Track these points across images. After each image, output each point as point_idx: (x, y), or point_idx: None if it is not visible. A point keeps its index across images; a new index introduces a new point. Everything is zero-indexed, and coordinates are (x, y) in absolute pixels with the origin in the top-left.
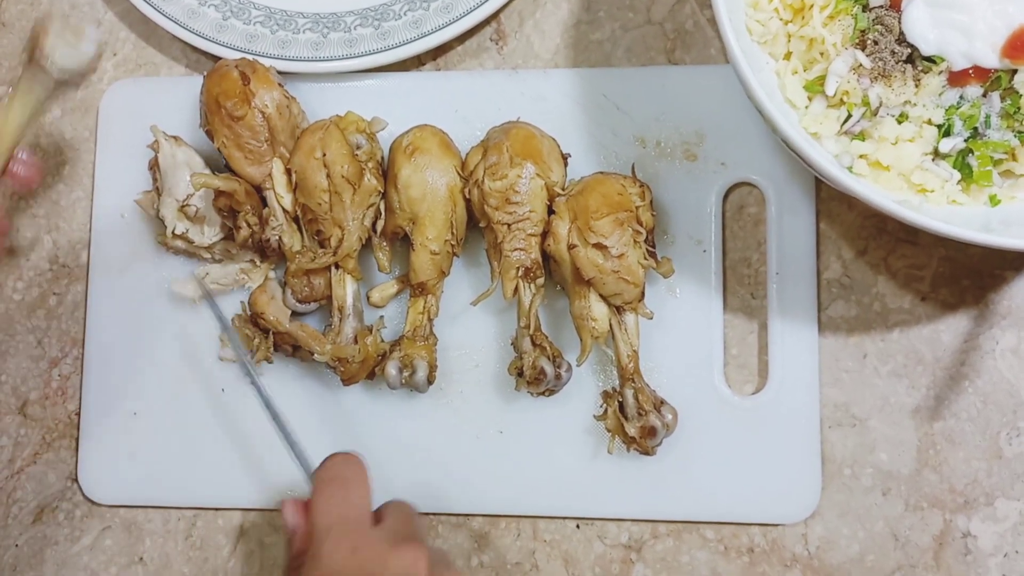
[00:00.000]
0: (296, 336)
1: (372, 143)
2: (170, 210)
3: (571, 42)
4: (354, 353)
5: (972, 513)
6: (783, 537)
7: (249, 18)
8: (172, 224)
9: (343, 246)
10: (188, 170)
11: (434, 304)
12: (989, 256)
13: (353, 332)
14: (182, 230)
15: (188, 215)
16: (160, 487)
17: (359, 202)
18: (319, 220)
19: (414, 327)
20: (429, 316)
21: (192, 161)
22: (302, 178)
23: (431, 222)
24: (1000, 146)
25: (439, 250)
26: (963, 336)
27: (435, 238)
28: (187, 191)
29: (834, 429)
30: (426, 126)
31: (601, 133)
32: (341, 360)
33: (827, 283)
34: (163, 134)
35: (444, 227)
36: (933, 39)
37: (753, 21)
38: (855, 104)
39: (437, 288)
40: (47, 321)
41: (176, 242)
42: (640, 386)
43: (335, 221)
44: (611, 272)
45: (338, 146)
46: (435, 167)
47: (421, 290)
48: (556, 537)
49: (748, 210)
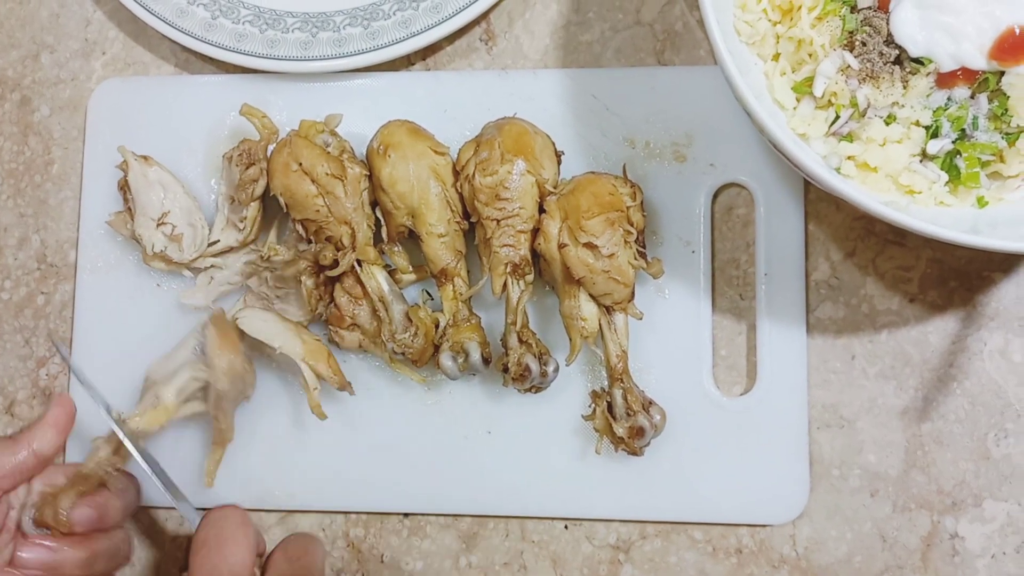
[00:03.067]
0: (369, 347)
1: (336, 138)
2: (147, 229)
3: (560, 43)
4: (413, 332)
5: (960, 514)
6: (771, 538)
7: (238, 17)
8: (151, 243)
9: (358, 238)
10: (161, 189)
11: (463, 286)
12: (977, 258)
13: (402, 313)
14: (160, 248)
15: (165, 234)
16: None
17: (352, 192)
18: (324, 226)
19: (452, 314)
20: (461, 299)
21: (164, 179)
22: (290, 196)
23: (428, 208)
24: (987, 148)
25: (446, 231)
26: (951, 338)
27: (437, 221)
28: (161, 209)
29: (822, 430)
30: (390, 122)
31: (590, 134)
32: (405, 344)
33: (815, 284)
34: (132, 154)
35: (442, 208)
36: (921, 41)
37: (741, 22)
38: (843, 105)
39: (459, 270)
40: (35, 320)
41: (155, 262)
42: (629, 386)
43: (339, 219)
44: (601, 272)
45: (310, 151)
46: (410, 156)
47: (445, 277)
48: (544, 538)
49: (737, 211)
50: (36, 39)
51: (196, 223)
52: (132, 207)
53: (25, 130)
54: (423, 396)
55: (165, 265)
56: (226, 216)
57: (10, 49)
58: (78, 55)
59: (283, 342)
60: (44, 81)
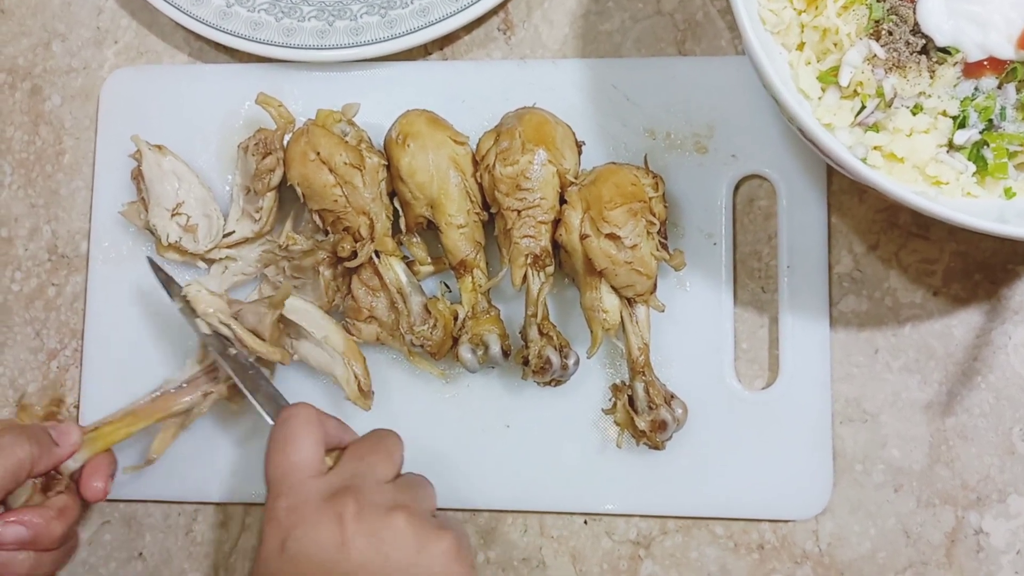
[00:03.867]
0: (386, 340)
1: (354, 127)
2: (161, 220)
3: (580, 32)
4: (432, 324)
5: (984, 510)
6: (793, 533)
7: (253, 5)
8: (165, 233)
9: (376, 228)
10: (175, 179)
11: (483, 277)
12: (1001, 251)
13: (420, 305)
14: (175, 239)
15: (180, 224)
16: (160, 481)
17: (371, 181)
18: (342, 217)
19: (471, 306)
20: (481, 291)
21: (178, 169)
22: (308, 186)
23: (447, 198)
24: (1015, 138)
25: (465, 222)
26: (975, 331)
27: (457, 212)
28: (176, 199)
29: (845, 425)
30: (409, 112)
31: (610, 124)
32: (425, 336)
33: (838, 277)
34: (145, 144)
35: (462, 198)
36: (948, 30)
37: (766, 11)
38: (869, 95)
39: (478, 261)
40: (46, 312)
41: (169, 252)
42: (650, 379)
43: (358, 209)
44: (624, 263)
45: (328, 140)
46: (430, 145)
47: (464, 268)
48: (564, 533)
49: (759, 203)
50: (47, 27)
51: (211, 213)
52: (146, 197)
53: (36, 119)
54: (441, 389)
55: (179, 256)
56: (241, 207)
57: (21, 37)
58: (90, 44)
59: (328, 333)
60: (55, 70)
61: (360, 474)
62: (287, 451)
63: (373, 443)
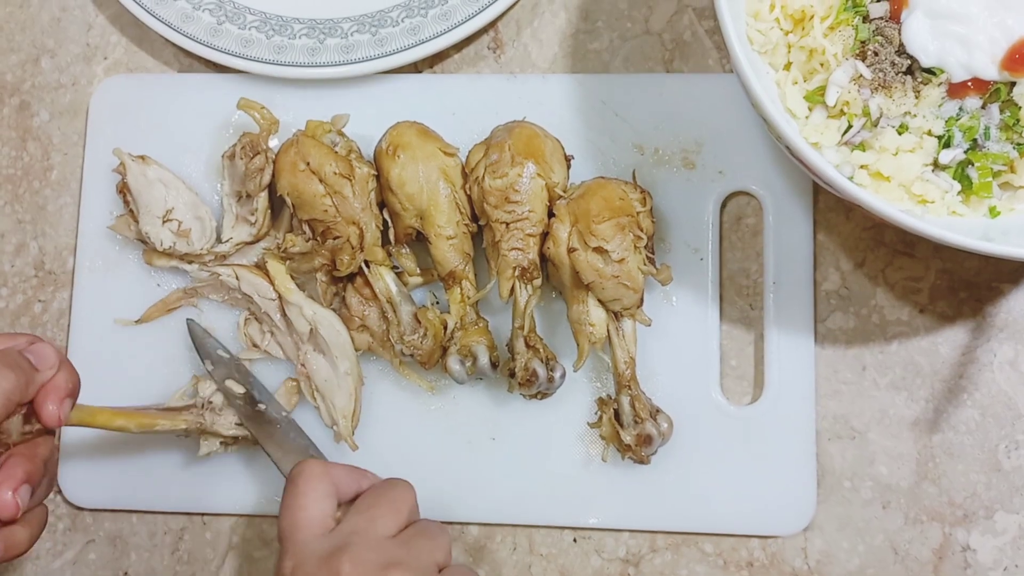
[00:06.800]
0: (376, 350)
1: (343, 138)
2: (153, 227)
3: (569, 51)
4: (421, 333)
5: (971, 526)
6: (783, 551)
7: (244, 23)
8: (159, 240)
9: (366, 238)
10: (162, 186)
11: (471, 289)
12: (986, 269)
13: (410, 315)
14: (169, 244)
15: (172, 230)
16: (144, 491)
17: (360, 192)
18: (332, 226)
19: (460, 317)
20: (469, 302)
21: (164, 177)
22: (297, 195)
23: (437, 210)
24: (999, 158)
25: (454, 233)
26: (961, 348)
27: (446, 223)
28: (165, 206)
29: (833, 441)
30: (399, 123)
31: (599, 139)
32: (415, 345)
33: (825, 294)
34: (127, 155)
35: (451, 210)
36: (933, 50)
37: (754, 31)
38: (855, 114)
39: (467, 273)
40: (32, 329)
41: (162, 260)
42: (636, 393)
43: (347, 219)
44: (611, 277)
45: (317, 150)
46: (420, 157)
47: (452, 279)
48: (552, 551)
49: (746, 220)
50: (36, 43)
51: (203, 215)
52: (134, 208)
53: (24, 135)
54: (427, 401)
55: (171, 261)
56: (235, 213)
57: (9, 53)
58: (79, 59)
59: (351, 367)
60: (44, 86)
61: (360, 530)
62: (293, 508)
63: (378, 496)
